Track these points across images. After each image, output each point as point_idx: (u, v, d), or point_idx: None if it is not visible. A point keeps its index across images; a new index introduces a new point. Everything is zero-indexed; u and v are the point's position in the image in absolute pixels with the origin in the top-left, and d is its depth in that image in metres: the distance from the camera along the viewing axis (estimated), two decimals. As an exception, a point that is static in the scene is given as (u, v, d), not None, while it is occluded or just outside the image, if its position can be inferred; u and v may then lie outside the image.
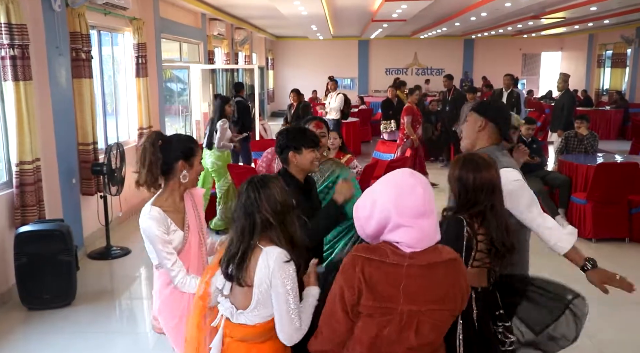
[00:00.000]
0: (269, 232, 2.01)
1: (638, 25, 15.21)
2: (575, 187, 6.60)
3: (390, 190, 1.76)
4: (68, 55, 5.52)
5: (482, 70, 20.92)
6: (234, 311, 2.06)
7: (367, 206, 1.80)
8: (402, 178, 1.79)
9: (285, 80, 22.30)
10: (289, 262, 1.98)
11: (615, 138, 13.82)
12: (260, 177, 2.07)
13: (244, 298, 2.03)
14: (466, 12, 12.03)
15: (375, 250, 1.78)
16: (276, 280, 1.96)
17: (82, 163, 5.82)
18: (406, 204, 1.73)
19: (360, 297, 1.74)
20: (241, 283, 2.00)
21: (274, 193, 2.01)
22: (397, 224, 1.74)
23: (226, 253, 2.06)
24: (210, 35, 11.77)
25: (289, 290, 1.97)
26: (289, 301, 1.97)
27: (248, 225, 2.00)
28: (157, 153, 2.40)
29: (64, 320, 4.39)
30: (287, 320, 1.97)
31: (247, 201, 2.01)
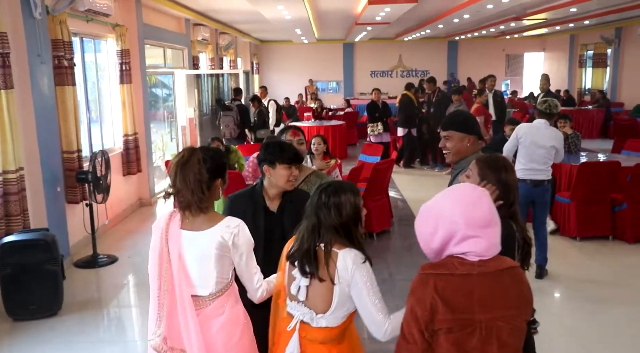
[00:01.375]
0: (337, 235, 2.10)
1: (617, 25, 15.46)
2: (559, 186, 6.67)
3: (456, 204, 1.78)
4: (50, 63, 5.48)
5: (467, 71, 21.11)
6: (314, 316, 2.11)
7: (429, 223, 1.81)
8: (466, 192, 1.83)
9: (271, 84, 22.24)
10: (365, 262, 2.07)
11: (597, 137, 14.00)
12: (336, 186, 2.17)
13: (323, 303, 2.09)
14: (449, 14, 12.13)
15: (443, 265, 1.78)
16: (356, 280, 2.04)
17: (67, 171, 5.78)
18: (475, 216, 1.76)
19: (435, 314, 1.73)
20: (321, 278, 2.07)
21: (343, 205, 2.11)
22: (466, 236, 1.76)
23: (298, 248, 2.15)
24: (195, 40, 11.74)
25: (369, 287, 2.04)
26: (371, 298, 2.04)
27: (317, 224, 2.12)
28: (203, 171, 2.21)
29: (51, 331, 4.35)
30: (368, 315, 2.05)
31: (318, 203, 2.13)
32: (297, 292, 2.14)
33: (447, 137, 2.90)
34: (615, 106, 14.99)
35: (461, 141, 2.87)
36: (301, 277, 2.12)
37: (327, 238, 2.10)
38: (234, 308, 2.31)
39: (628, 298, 4.80)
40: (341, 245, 2.09)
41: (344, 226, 2.10)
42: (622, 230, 6.17)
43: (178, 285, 2.21)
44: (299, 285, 2.13)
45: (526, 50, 22.12)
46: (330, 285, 2.07)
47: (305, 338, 2.13)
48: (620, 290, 4.98)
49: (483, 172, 2.32)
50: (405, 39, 20.18)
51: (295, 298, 2.17)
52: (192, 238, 2.22)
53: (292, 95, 18.27)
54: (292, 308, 2.19)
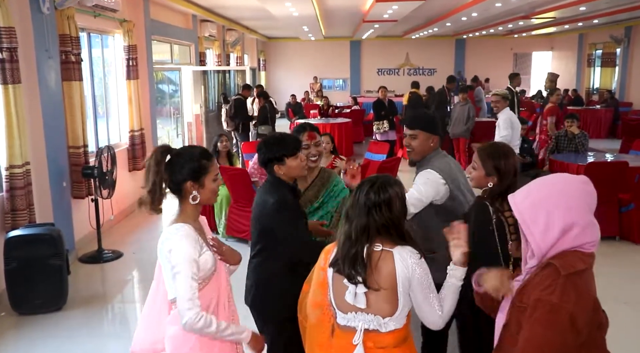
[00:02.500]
0: (386, 234, 2.00)
1: (627, 25, 15.32)
2: (566, 187, 6.62)
3: (570, 195, 1.69)
4: (57, 58, 5.49)
5: (474, 69, 21.02)
6: (381, 321, 1.99)
7: (538, 221, 1.68)
8: (571, 181, 1.74)
9: (277, 81, 22.29)
10: (421, 257, 2.00)
11: (605, 137, 13.90)
12: (383, 180, 2.04)
13: (389, 305, 1.98)
14: (457, 12, 12.07)
15: (576, 262, 1.66)
16: (416, 276, 1.97)
17: (73, 166, 5.79)
18: (589, 202, 1.70)
19: (596, 312, 1.68)
20: (374, 286, 1.96)
21: (394, 200, 2.00)
22: (587, 223, 1.68)
23: (344, 251, 2.01)
24: (202, 36, 11.74)
25: (426, 284, 1.99)
26: (429, 293, 2.01)
27: (366, 225, 1.99)
28: (162, 173, 2.15)
29: (55, 325, 4.36)
30: (430, 309, 2.02)
31: (367, 201, 1.99)
32: (355, 300, 1.99)
33: (414, 135, 2.91)
34: (623, 106, 14.88)
35: (426, 141, 2.91)
36: (357, 283, 1.97)
37: (378, 238, 1.99)
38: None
39: (635, 299, 4.77)
40: (393, 244, 2.00)
41: (394, 222, 2.00)
42: (629, 230, 6.12)
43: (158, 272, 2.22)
44: (355, 293, 1.98)
45: (534, 49, 22.00)
46: (394, 286, 1.96)
47: (374, 347, 1.99)
48: (627, 291, 4.95)
49: (484, 161, 2.48)
50: (412, 36, 20.12)
51: (352, 308, 2.01)
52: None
53: (299, 92, 18.25)
54: (351, 319, 2.02)
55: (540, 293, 1.65)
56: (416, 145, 2.90)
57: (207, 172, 2.17)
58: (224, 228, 6.35)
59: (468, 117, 9.56)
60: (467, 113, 9.57)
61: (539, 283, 1.68)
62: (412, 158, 2.96)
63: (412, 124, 2.93)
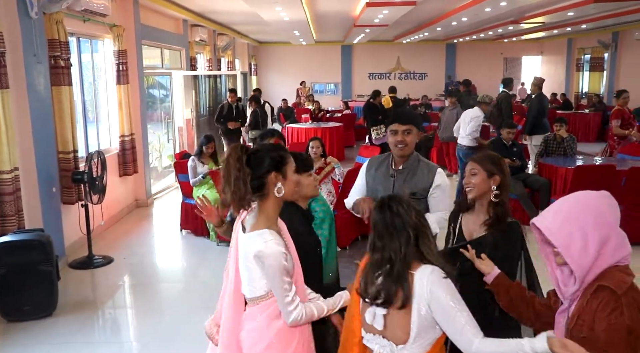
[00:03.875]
0: (421, 246, 1.90)
1: (614, 30, 15.51)
2: (554, 190, 6.68)
3: (600, 210, 1.69)
4: (46, 63, 5.47)
5: (465, 74, 21.12)
6: (394, 348, 1.89)
7: (575, 239, 1.66)
8: (595, 197, 1.75)
9: (269, 86, 22.30)
10: (447, 277, 1.86)
11: (594, 140, 14.02)
12: (395, 196, 1.99)
13: (402, 332, 1.87)
14: (447, 17, 12.16)
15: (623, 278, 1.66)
16: (438, 300, 1.81)
17: (63, 171, 5.76)
18: (617, 215, 1.72)
19: None
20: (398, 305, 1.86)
21: (412, 210, 1.93)
22: (620, 236, 1.68)
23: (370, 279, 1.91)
24: (192, 41, 11.73)
25: (454, 306, 1.81)
26: (460, 316, 1.81)
27: (403, 242, 1.87)
28: (244, 168, 2.09)
29: (45, 332, 4.33)
30: (463, 336, 1.81)
31: (397, 217, 1.89)
32: (373, 321, 1.92)
33: (409, 130, 2.93)
34: (611, 110, 15.01)
35: (417, 136, 2.98)
36: (376, 306, 1.90)
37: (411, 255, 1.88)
38: (269, 323, 2.15)
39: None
40: (416, 264, 1.88)
41: (427, 229, 1.92)
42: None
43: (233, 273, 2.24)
44: (374, 313, 1.91)
45: (524, 54, 22.19)
46: (409, 311, 1.85)
47: None
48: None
49: (482, 164, 2.53)
50: (403, 41, 20.22)
51: (371, 329, 1.94)
52: (241, 236, 2.18)
53: (290, 96, 18.29)
54: (369, 340, 1.96)
55: (609, 318, 1.61)
56: (410, 140, 2.93)
57: (287, 163, 2.17)
58: (215, 232, 6.35)
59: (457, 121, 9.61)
60: (456, 117, 9.62)
61: (602, 309, 1.63)
62: (405, 154, 2.96)
63: (407, 120, 2.94)
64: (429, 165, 3.00)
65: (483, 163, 2.55)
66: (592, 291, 1.68)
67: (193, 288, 5.39)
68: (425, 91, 18.60)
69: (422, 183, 2.92)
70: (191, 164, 6.48)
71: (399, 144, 2.92)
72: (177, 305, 4.94)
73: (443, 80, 21.71)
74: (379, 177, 3.01)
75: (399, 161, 2.98)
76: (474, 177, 2.55)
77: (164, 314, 4.72)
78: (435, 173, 2.93)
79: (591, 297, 1.69)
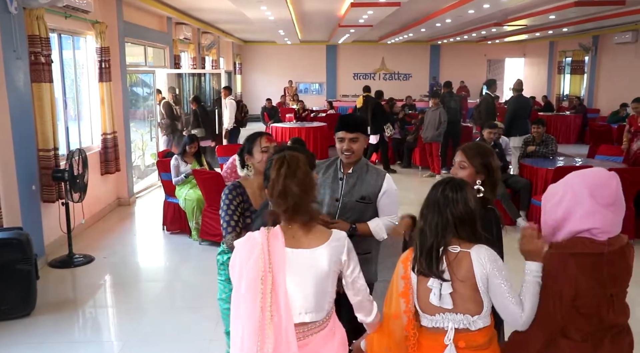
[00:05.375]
0: (462, 231, 2.03)
1: (594, 34, 15.75)
2: (535, 190, 6.77)
3: (585, 180, 1.97)
4: (26, 59, 5.39)
5: (448, 75, 21.28)
6: (470, 319, 2.02)
7: (558, 193, 2.00)
8: (596, 172, 2.01)
9: (253, 85, 22.26)
10: (498, 257, 2.04)
11: (574, 142, 14.23)
12: (458, 180, 2.12)
13: (474, 304, 2.02)
14: (431, 18, 12.24)
15: (576, 244, 1.95)
16: (494, 277, 1.99)
17: (43, 169, 5.69)
18: (602, 193, 1.94)
19: (578, 290, 1.92)
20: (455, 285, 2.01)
21: (469, 198, 2.05)
22: (592, 210, 1.92)
23: (421, 247, 2.06)
24: (176, 39, 11.66)
25: (505, 283, 1.99)
26: (510, 294, 1.99)
27: (441, 222, 2.03)
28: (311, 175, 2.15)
29: (24, 331, 4.27)
30: (510, 309, 2.00)
31: (444, 199, 2.05)
32: (440, 302, 2.02)
33: (356, 138, 2.89)
34: (591, 112, 15.26)
35: (364, 143, 2.96)
36: (440, 284, 2.01)
37: (451, 236, 2.03)
38: (340, 327, 2.15)
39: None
40: (469, 244, 2.04)
41: (470, 218, 2.04)
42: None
43: (285, 315, 1.92)
44: (440, 295, 2.02)
45: (507, 56, 22.42)
46: (474, 284, 2.00)
47: (466, 347, 2.02)
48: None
49: (472, 159, 2.54)
50: (388, 41, 20.31)
51: (439, 309, 2.05)
52: (302, 257, 1.97)
53: (275, 96, 18.25)
54: (439, 320, 2.06)
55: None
56: (357, 147, 2.90)
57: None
58: (197, 232, 6.33)
59: (440, 122, 9.70)
60: (438, 117, 9.71)
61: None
62: (351, 161, 2.94)
63: (353, 128, 2.90)
64: (378, 170, 3.00)
65: (473, 158, 2.55)
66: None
67: (174, 287, 5.37)
68: (410, 92, 18.71)
69: (372, 188, 2.91)
70: (174, 163, 6.45)
71: (345, 152, 2.89)
72: (158, 303, 4.91)
73: (427, 81, 21.86)
74: (327, 181, 2.99)
75: (347, 166, 2.97)
76: (462, 171, 2.56)
77: (145, 313, 4.68)
78: (383, 178, 2.93)
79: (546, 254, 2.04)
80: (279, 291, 1.90)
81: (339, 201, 2.93)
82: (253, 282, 1.90)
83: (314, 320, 2.01)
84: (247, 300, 1.92)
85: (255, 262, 1.92)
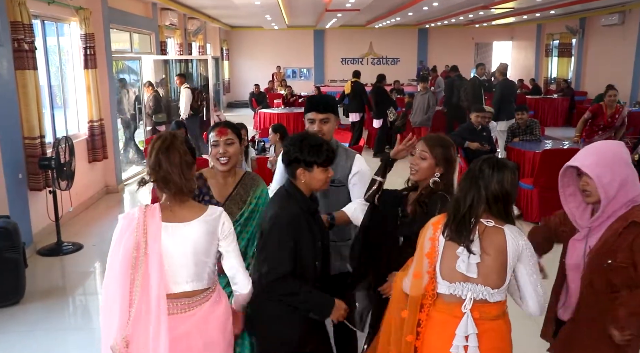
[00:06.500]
0: (495, 208, 2.07)
1: (581, 16, 15.78)
2: (522, 173, 6.83)
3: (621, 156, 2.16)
4: (9, 46, 5.32)
5: (437, 59, 21.31)
6: (491, 291, 2.07)
7: (606, 173, 2.12)
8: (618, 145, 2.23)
9: (241, 71, 22.11)
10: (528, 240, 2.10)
11: (562, 125, 14.32)
12: (500, 160, 2.15)
13: (498, 277, 2.06)
14: (418, 2, 12.18)
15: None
16: (525, 257, 2.06)
17: (29, 157, 5.64)
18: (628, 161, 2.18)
19: None
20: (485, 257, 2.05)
21: (506, 179, 2.07)
22: (635, 177, 2.13)
23: (454, 215, 2.10)
24: (162, 25, 11.53)
25: (533, 266, 2.08)
26: (536, 276, 2.08)
27: (475, 195, 2.07)
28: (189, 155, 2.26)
29: (12, 319, 4.28)
30: (533, 290, 2.07)
31: (480, 174, 2.09)
32: (467, 270, 2.06)
33: (327, 119, 2.80)
34: (578, 95, 15.35)
35: (335, 123, 2.87)
36: (469, 254, 2.05)
37: (487, 213, 2.08)
38: (225, 297, 2.28)
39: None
40: (501, 222, 2.09)
41: (505, 197, 2.07)
42: (582, 214, 6.34)
43: (156, 285, 2.05)
44: (468, 263, 2.06)
45: (495, 39, 22.43)
46: (504, 260, 2.05)
47: (480, 318, 2.07)
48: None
49: (433, 150, 2.50)
50: (375, 26, 20.22)
51: (461, 277, 2.08)
52: (178, 230, 2.12)
53: (263, 81, 18.15)
54: (458, 288, 2.09)
55: None
56: (328, 129, 2.79)
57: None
58: None
59: (428, 106, 9.72)
60: (427, 102, 9.73)
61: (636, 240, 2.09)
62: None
63: (324, 108, 2.80)
64: (347, 151, 2.90)
65: (434, 149, 2.50)
66: (625, 226, 2.11)
67: (165, 273, 5.38)
68: (398, 76, 18.67)
69: (342, 170, 2.80)
70: None
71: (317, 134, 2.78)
72: (148, 290, 4.92)
73: (415, 66, 21.83)
74: None
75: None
76: (423, 161, 2.51)
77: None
78: (353, 159, 2.83)
79: (624, 230, 2.12)
80: (151, 260, 2.06)
81: None
82: (128, 251, 2.07)
83: (195, 289, 2.15)
84: (122, 266, 2.08)
85: (132, 234, 2.09)
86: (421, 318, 2.15)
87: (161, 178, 2.09)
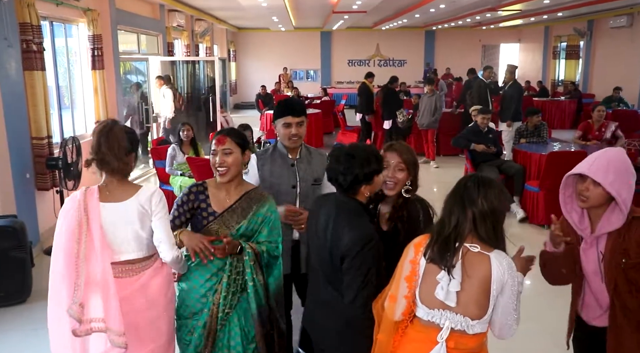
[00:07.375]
0: (479, 230, 1.95)
1: (589, 18, 15.72)
2: (528, 176, 6.81)
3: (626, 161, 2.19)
4: (18, 47, 5.37)
5: (444, 61, 21.28)
6: (470, 322, 1.95)
7: (631, 180, 2.17)
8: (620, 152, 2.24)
9: (248, 72, 22.16)
10: (516, 269, 1.98)
11: (569, 127, 14.25)
12: (485, 177, 2.03)
13: (479, 308, 1.95)
14: (425, 4, 12.18)
15: None
16: (508, 287, 1.93)
17: (37, 157, 5.69)
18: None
19: None
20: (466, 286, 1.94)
21: (492, 195, 1.96)
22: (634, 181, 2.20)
23: (437, 236, 1.99)
24: (170, 26, 11.58)
25: (516, 296, 1.96)
26: (516, 306, 1.98)
27: (460, 214, 1.97)
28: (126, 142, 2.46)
29: (19, 318, 4.31)
30: (513, 322, 1.98)
31: (465, 191, 1.98)
32: (445, 297, 1.95)
33: (302, 122, 2.88)
34: (586, 97, 15.28)
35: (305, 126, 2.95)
36: (449, 280, 1.93)
37: (473, 235, 1.96)
38: (167, 267, 2.53)
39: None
40: (489, 248, 1.95)
41: (493, 220, 1.95)
42: (588, 218, 6.32)
43: (100, 254, 2.30)
44: (447, 291, 1.94)
45: (502, 41, 22.37)
46: (487, 289, 1.93)
47: (456, 348, 1.96)
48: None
49: (406, 159, 2.46)
50: (382, 28, 20.22)
51: (440, 305, 1.97)
52: (113, 209, 2.36)
53: (269, 83, 18.19)
54: (436, 316, 1.99)
55: None
56: (302, 132, 2.88)
57: None
58: None
59: (435, 108, 9.70)
60: (434, 104, 9.72)
61: None
62: (298, 145, 2.91)
63: (300, 112, 2.87)
64: (319, 151, 3.03)
65: (408, 159, 2.46)
66: (627, 223, 2.15)
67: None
68: (405, 78, 18.67)
69: (321, 168, 2.87)
70: (171, 153, 6.44)
71: (293, 137, 2.84)
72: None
73: (422, 68, 21.81)
74: (277, 170, 2.90)
75: (293, 151, 2.92)
76: (401, 173, 2.44)
77: (141, 300, 4.72)
78: (325, 159, 2.86)
79: (628, 228, 2.15)
80: (94, 236, 2.31)
81: (295, 188, 2.89)
82: (71, 227, 2.33)
83: (137, 257, 2.42)
84: (67, 240, 2.33)
85: (74, 213, 2.35)
86: (395, 339, 2.08)
87: (99, 159, 2.35)
